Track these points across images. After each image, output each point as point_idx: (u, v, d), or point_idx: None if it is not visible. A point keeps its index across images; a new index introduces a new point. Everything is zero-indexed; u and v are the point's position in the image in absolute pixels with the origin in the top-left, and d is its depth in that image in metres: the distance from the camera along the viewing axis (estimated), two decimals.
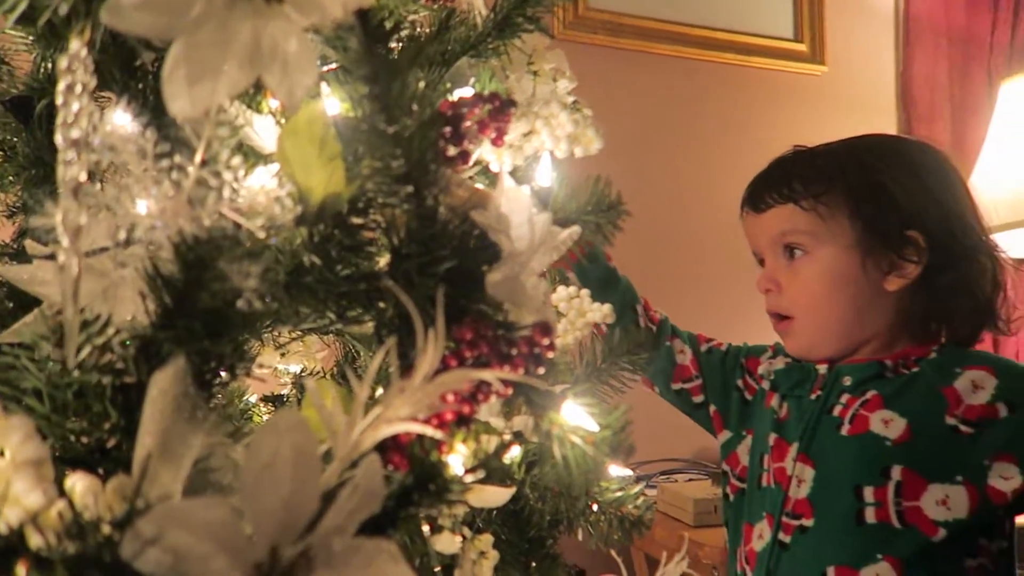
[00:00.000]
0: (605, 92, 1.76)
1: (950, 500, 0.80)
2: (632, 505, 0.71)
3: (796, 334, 0.94)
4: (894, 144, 0.97)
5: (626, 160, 1.76)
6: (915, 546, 0.80)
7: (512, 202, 0.52)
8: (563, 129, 0.64)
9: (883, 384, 0.88)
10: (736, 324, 1.79)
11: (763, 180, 0.97)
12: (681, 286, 1.79)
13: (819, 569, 0.84)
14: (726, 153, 1.83)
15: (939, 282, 0.88)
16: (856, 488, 0.84)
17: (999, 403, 0.82)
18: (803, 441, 0.91)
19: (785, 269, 0.94)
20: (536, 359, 0.46)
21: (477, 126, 0.56)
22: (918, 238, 0.88)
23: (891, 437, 0.84)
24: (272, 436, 0.34)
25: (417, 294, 0.49)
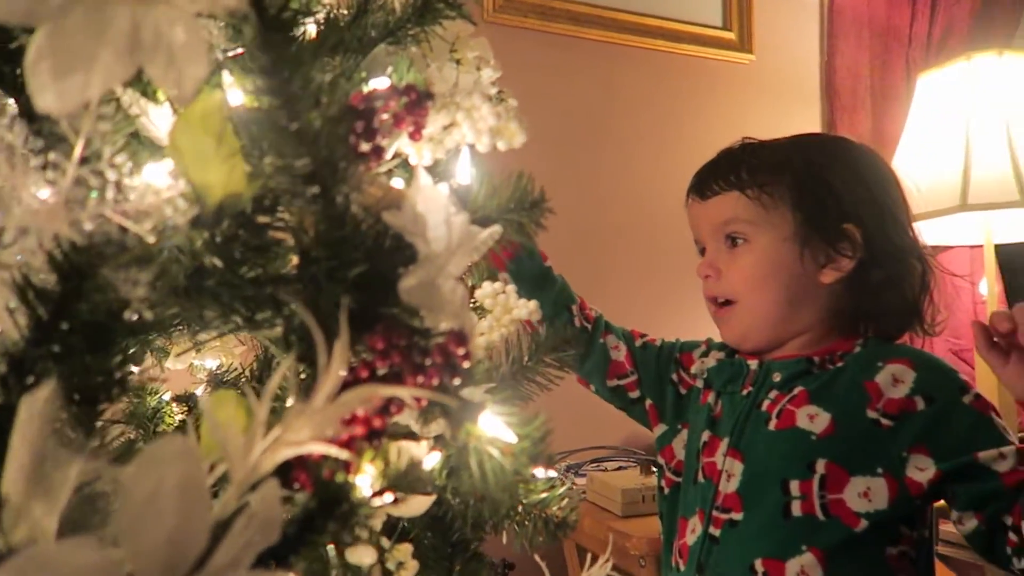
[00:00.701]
0: (535, 78, 1.74)
1: (871, 492, 0.82)
2: (557, 506, 0.70)
3: (731, 320, 0.96)
4: (840, 144, 1.00)
5: (556, 147, 1.74)
6: (838, 537, 0.82)
7: (428, 201, 0.50)
8: (485, 122, 0.61)
9: (810, 380, 0.90)
10: (664, 312, 1.80)
11: (711, 169, 0.99)
12: (611, 274, 1.80)
13: (747, 562, 0.85)
14: (654, 140, 1.83)
15: (870, 278, 0.91)
16: (783, 482, 0.85)
17: (917, 396, 0.84)
18: (733, 436, 0.92)
19: (725, 256, 0.95)
20: (452, 369, 0.44)
21: (392, 120, 0.53)
22: (854, 232, 0.90)
23: (816, 431, 0.86)
24: (154, 466, 0.31)
25: (325, 300, 0.46)
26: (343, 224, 0.45)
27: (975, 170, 1.43)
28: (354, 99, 0.50)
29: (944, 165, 1.48)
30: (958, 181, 1.44)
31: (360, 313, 0.48)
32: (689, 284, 1.91)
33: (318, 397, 0.35)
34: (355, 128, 0.48)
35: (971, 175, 1.43)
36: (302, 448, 0.35)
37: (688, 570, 0.91)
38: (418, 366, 0.43)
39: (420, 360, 0.43)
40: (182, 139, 0.41)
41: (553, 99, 1.75)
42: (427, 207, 0.51)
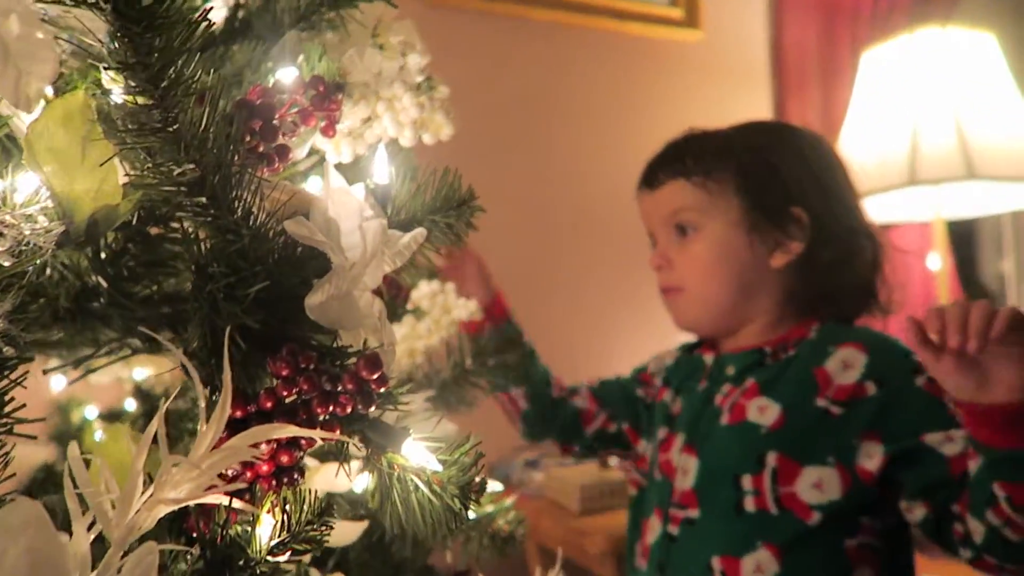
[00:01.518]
0: (478, 62, 1.68)
1: (824, 483, 0.80)
2: (503, 520, 0.66)
3: (682, 306, 0.94)
4: (782, 128, 0.99)
5: (502, 133, 1.70)
6: (792, 531, 0.79)
7: (339, 206, 0.45)
8: (407, 114, 0.56)
9: (761, 371, 0.88)
10: (618, 302, 1.78)
11: (658, 159, 0.98)
12: (562, 263, 1.76)
13: (704, 560, 0.83)
14: (603, 123, 1.79)
15: (821, 259, 0.89)
16: (735, 478, 0.83)
17: (868, 381, 0.81)
18: (688, 432, 0.90)
19: (676, 246, 0.94)
20: (365, 396, 0.39)
21: (299, 116, 0.48)
22: (801, 215, 0.89)
23: (766, 424, 0.84)
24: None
25: (224, 322, 0.41)
26: (239, 236, 0.40)
27: (922, 145, 1.42)
28: (251, 94, 0.45)
29: (891, 141, 1.47)
30: (906, 157, 1.43)
31: (266, 335, 0.43)
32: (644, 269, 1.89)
33: (198, 448, 0.30)
34: (252, 127, 0.43)
35: (919, 150, 1.42)
36: (183, 503, 0.30)
37: (649, 570, 0.89)
38: (328, 394, 0.39)
39: (330, 387, 0.39)
40: (40, 145, 0.36)
41: (498, 83, 1.70)
42: (339, 212, 0.46)
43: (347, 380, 0.39)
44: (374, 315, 0.44)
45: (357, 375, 0.38)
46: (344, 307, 0.43)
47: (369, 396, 0.39)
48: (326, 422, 0.40)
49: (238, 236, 0.40)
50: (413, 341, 0.72)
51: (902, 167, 1.45)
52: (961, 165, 1.39)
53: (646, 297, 1.84)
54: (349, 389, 0.39)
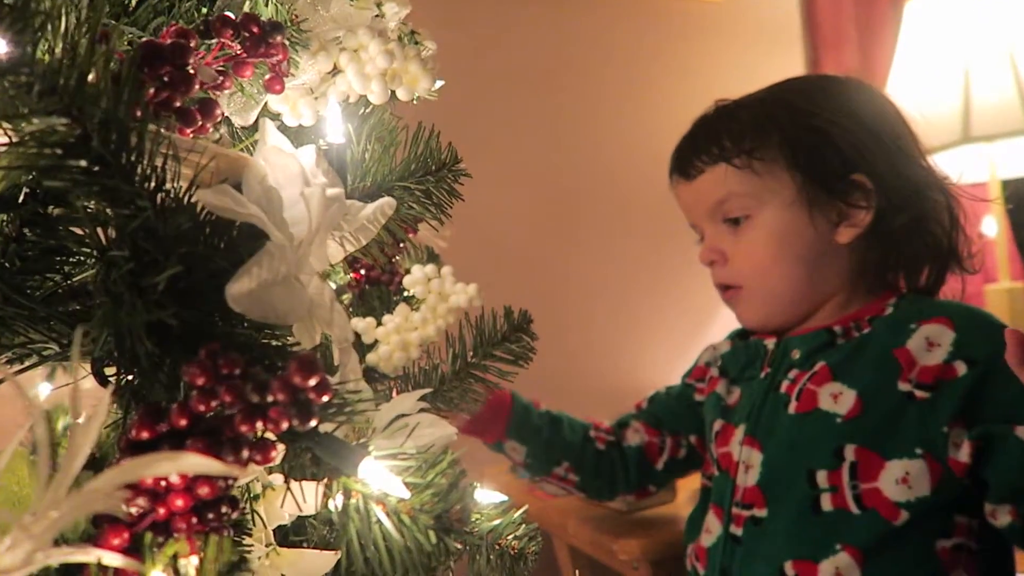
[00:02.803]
0: (484, 27, 1.58)
1: (911, 477, 0.70)
2: (512, 536, 0.57)
3: (747, 303, 0.84)
4: (822, 83, 0.86)
5: (511, 103, 1.60)
6: (876, 532, 0.70)
7: (277, 170, 0.36)
8: (375, 64, 0.47)
9: (832, 353, 0.78)
10: (639, 278, 1.67)
11: (689, 143, 0.86)
12: (578, 238, 1.65)
13: (776, 564, 0.73)
14: (618, 92, 1.66)
15: (893, 226, 0.78)
16: (809, 473, 0.73)
17: (956, 360, 0.70)
18: (749, 423, 0.81)
19: (728, 237, 0.83)
20: (302, 408, 0.30)
21: (231, 64, 0.39)
22: (864, 181, 0.78)
23: (841, 413, 0.74)
24: None
25: (132, 320, 0.32)
26: (141, 208, 0.31)
27: (976, 99, 1.29)
28: (163, 36, 0.36)
29: (942, 96, 1.34)
30: (958, 112, 1.30)
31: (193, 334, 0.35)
32: (672, 250, 1.77)
33: (42, 499, 0.21)
34: (159, 75, 0.34)
35: (972, 104, 1.29)
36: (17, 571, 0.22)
37: (709, 574, 0.79)
38: (255, 407, 0.30)
39: (258, 399, 0.30)
40: None
41: (505, 50, 1.59)
42: (279, 178, 0.37)
43: (277, 389, 0.30)
44: (325, 303, 0.36)
45: (288, 383, 0.30)
46: (284, 295, 0.34)
47: (307, 408, 0.30)
48: (259, 442, 0.32)
49: (139, 210, 0.32)
50: (407, 332, 0.64)
51: (954, 124, 1.32)
52: (1020, 118, 1.26)
53: (675, 280, 1.74)
54: (280, 400, 0.30)
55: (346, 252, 0.41)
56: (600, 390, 1.56)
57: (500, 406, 0.90)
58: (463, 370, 0.66)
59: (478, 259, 1.54)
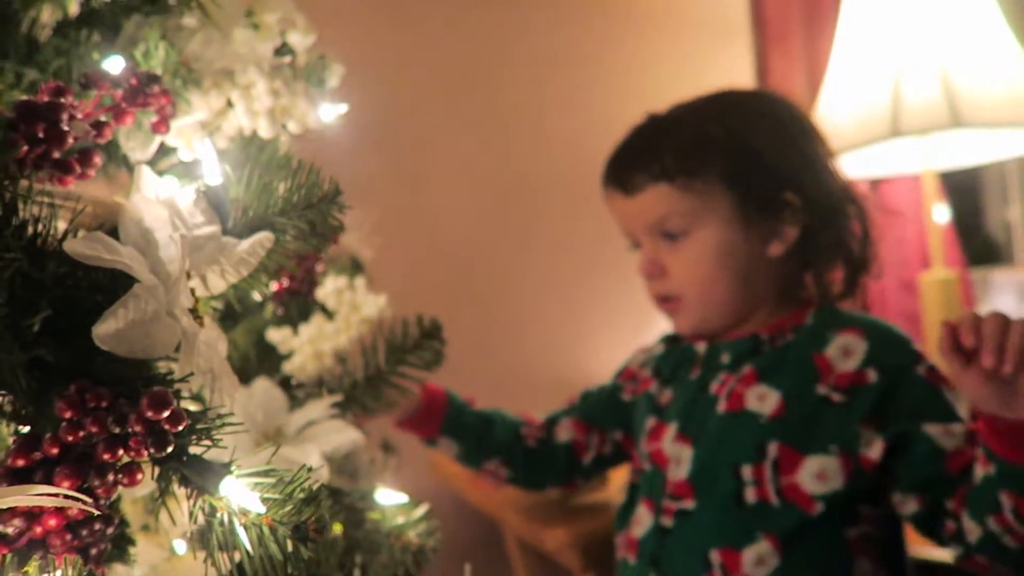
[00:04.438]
0: (427, 28, 1.59)
1: (827, 472, 0.76)
2: (413, 533, 0.61)
3: (685, 315, 0.89)
4: (754, 101, 0.91)
5: (454, 105, 1.62)
6: (794, 522, 0.76)
7: (147, 215, 0.40)
8: (261, 102, 0.51)
9: (759, 358, 0.84)
10: (592, 272, 1.71)
11: (627, 156, 0.90)
12: (528, 236, 1.69)
13: (702, 552, 0.79)
14: (569, 85, 1.69)
15: (819, 241, 0.85)
16: (734, 467, 0.79)
17: (868, 368, 0.78)
18: (681, 420, 0.86)
19: (667, 251, 0.87)
20: (158, 438, 0.34)
21: (111, 114, 0.42)
22: (794, 199, 0.84)
23: (765, 413, 0.80)
24: None
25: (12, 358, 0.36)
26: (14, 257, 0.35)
27: (906, 94, 1.34)
28: (41, 93, 0.39)
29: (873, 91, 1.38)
30: (888, 107, 1.34)
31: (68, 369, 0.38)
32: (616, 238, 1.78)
33: None
34: (35, 131, 0.38)
35: (902, 99, 1.34)
36: None
37: (640, 564, 0.84)
38: (116, 437, 0.34)
39: (120, 430, 0.34)
40: None
41: (449, 51, 1.61)
42: (153, 222, 0.40)
43: (133, 422, 0.34)
44: (195, 339, 0.39)
45: (143, 416, 0.33)
46: (154, 331, 0.38)
47: (162, 437, 0.34)
48: (125, 466, 0.36)
49: (12, 260, 0.35)
50: (320, 343, 0.68)
51: (884, 118, 1.36)
52: (946, 113, 1.31)
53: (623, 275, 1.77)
54: (138, 431, 0.34)
55: (228, 283, 0.45)
56: (550, 381, 1.60)
57: (435, 405, 0.94)
58: (376, 377, 0.70)
59: (429, 256, 1.57)
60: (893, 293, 1.78)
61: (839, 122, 1.46)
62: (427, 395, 0.93)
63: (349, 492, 0.61)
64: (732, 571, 0.77)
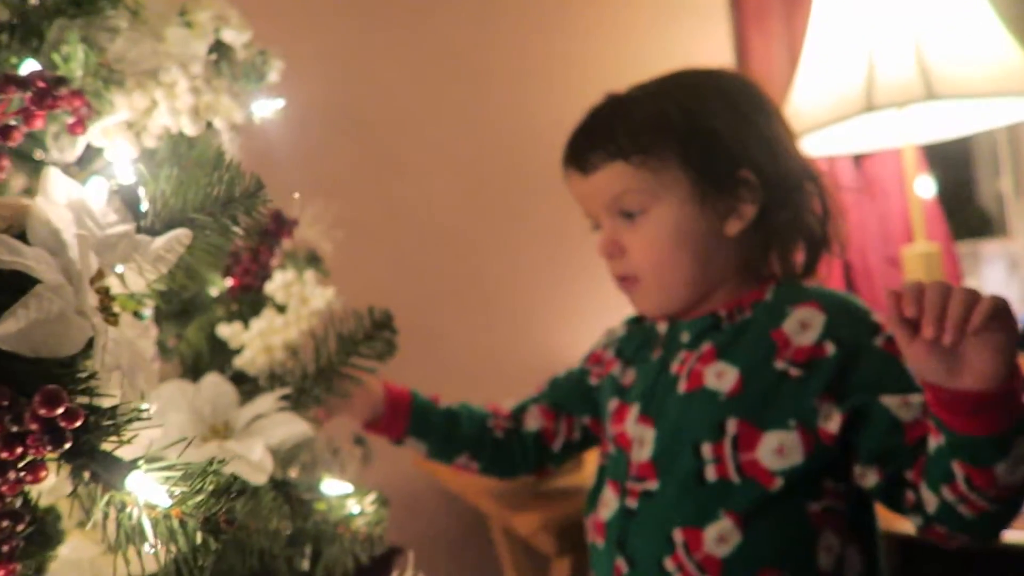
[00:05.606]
0: (400, 18, 1.59)
1: (785, 447, 0.76)
2: (362, 522, 0.62)
3: (644, 294, 0.88)
4: (710, 80, 0.90)
5: (429, 93, 1.62)
6: (754, 498, 0.76)
7: (55, 217, 0.40)
8: (183, 100, 0.51)
9: (718, 335, 0.84)
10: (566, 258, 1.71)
11: (584, 137, 0.89)
12: (502, 225, 1.68)
13: (666, 532, 0.79)
14: (548, 66, 1.67)
15: (776, 218, 0.85)
16: (695, 446, 0.79)
17: (826, 341, 0.78)
18: (643, 402, 0.86)
19: (624, 230, 0.87)
20: (54, 435, 0.35)
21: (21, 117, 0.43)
22: (750, 177, 0.84)
23: (724, 390, 0.80)
24: None
25: None
26: None
27: (880, 69, 1.33)
28: None
29: (848, 66, 1.37)
30: (862, 82, 1.34)
31: None
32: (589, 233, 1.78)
33: None
34: None
35: (876, 74, 1.33)
36: None
37: (608, 546, 0.85)
38: (13, 436, 0.35)
39: (14, 428, 0.35)
40: None
41: (422, 40, 1.61)
42: (61, 223, 0.41)
43: (29, 420, 0.34)
44: (103, 337, 0.40)
45: (37, 414, 0.34)
46: (59, 330, 0.38)
47: (59, 434, 0.35)
48: (31, 463, 0.36)
49: None
50: (270, 336, 0.68)
51: (859, 93, 1.36)
52: (921, 86, 1.30)
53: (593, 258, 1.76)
54: (34, 429, 0.35)
55: (147, 281, 0.45)
56: (525, 368, 1.60)
57: (399, 406, 0.94)
58: (328, 368, 0.71)
59: (409, 245, 1.58)
60: (877, 268, 1.77)
61: (816, 99, 1.45)
62: (391, 397, 0.93)
63: (295, 484, 0.62)
64: (694, 550, 0.77)
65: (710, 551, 0.76)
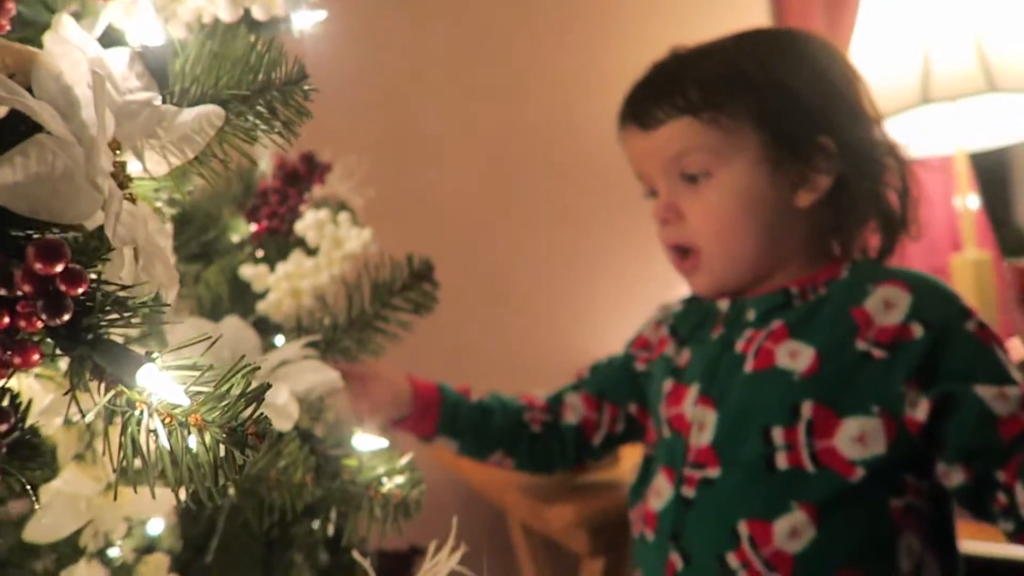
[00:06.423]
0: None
1: (867, 436, 0.69)
2: (396, 484, 0.54)
3: (705, 269, 0.81)
4: (792, 39, 0.82)
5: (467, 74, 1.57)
6: (831, 490, 0.69)
7: (64, 63, 0.34)
8: None
9: (790, 313, 0.76)
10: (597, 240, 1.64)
11: (648, 90, 0.82)
12: (539, 211, 1.62)
13: (729, 524, 0.71)
14: (579, 56, 1.62)
15: (853, 193, 0.77)
16: (764, 430, 0.72)
17: (913, 322, 0.70)
18: (704, 382, 0.78)
19: (686, 194, 0.79)
20: (52, 300, 0.28)
21: None
22: (828, 144, 0.76)
23: (798, 370, 0.72)
24: None
25: None
26: None
27: (936, 60, 1.27)
28: None
29: (902, 58, 1.31)
30: (919, 73, 1.27)
31: None
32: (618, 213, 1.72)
33: None
34: None
35: (931, 66, 1.27)
36: None
37: (659, 539, 0.77)
38: (2, 301, 0.28)
39: (6, 291, 0.28)
40: None
41: (460, 25, 1.56)
42: (72, 75, 0.34)
43: (21, 279, 0.27)
44: (117, 203, 0.33)
45: (30, 271, 0.27)
46: (64, 192, 0.32)
47: (58, 301, 0.28)
48: (21, 342, 0.29)
49: None
50: (298, 280, 0.61)
51: (914, 85, 1.29)
52: (980, 79, 1.24)
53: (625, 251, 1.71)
54: (27, 292, 0.27)
55: (171, 165, 0.39)
56: (555, 359, 1.53)
57: (429, 403, 0.87)
58: (359, 320, 0.64)
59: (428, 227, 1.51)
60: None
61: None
62: (419, 393, 0.86)
63: (322, 438, 0.55)
64: (762, 544, 0.69)
65: (780, 546, 0.68)
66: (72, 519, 0.43)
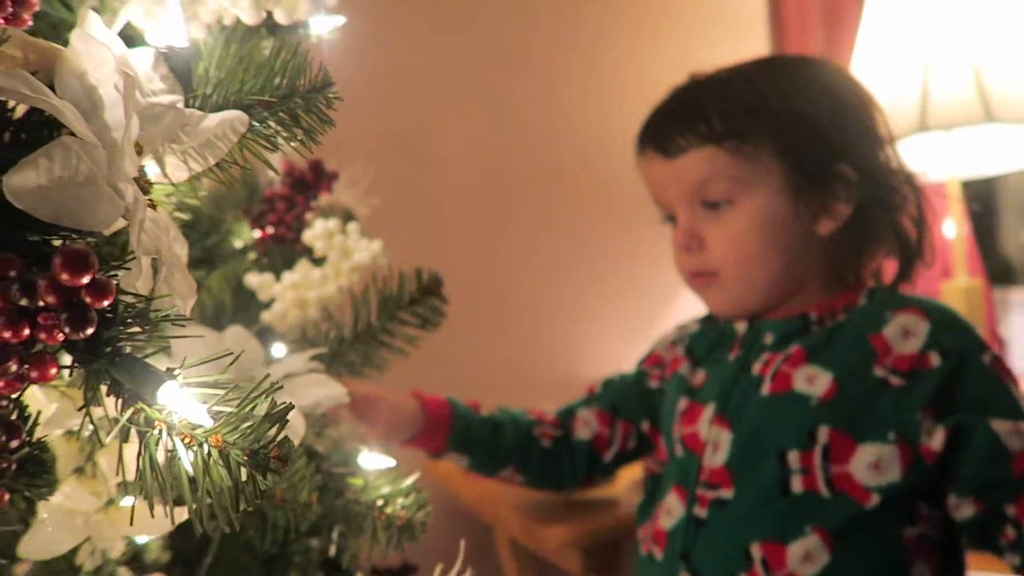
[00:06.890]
0: (453, 10, 1.54)
1: (882, 462, 0.69)
2: (400, 505, 0.53)
3: (722, 291, 0.81)
4: (807, 65, 0.83)
5: (473, 87, 1.56)
6: (847, 515, 0.69)
7: (89, 62, 0.32)
8: None
9: (808, 338, 0.77)
10: (600, 256, 1.64)
11: (671, 117, 0.82)
12: (541, 224, 1.61)
13: (741, 546, 0.71)
14: (583, 75, 1.63)
15: (871, 221, 0.78)
16: (780, 453, 0.72)
17: (931, 351, 0.71)
18: (719, 402, 0.78)
19: (707, 222, 0.80)
20: (76, 313, 0.26)
21: None
22: (848, 172, 0.77)
23: (816, 395, 0.72)
24: None
25: None
26: None
27: (934, 88, 1.28)
28: None
29: (901, 85, 1.32)
30: (916, 101, 1.28)
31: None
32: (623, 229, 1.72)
33: None
34: None
35: (930, 94, 1.28)
36: None
37: (669, 558, 0.76)
38: (22, 312, 0.26)
39: (26, 303, 0.26)
40: None
41: (468, 31, 1.56)
42: (98, 75, 0.33)
43: (45, 290, 0.26)
44: (141, 210, 0.31)
45: (55, 281, 0.26)
46: (86, 197, 0.30)
47: (82, 313, 0.26)
48: (39, 355, 0.28)
49: None
50: (305, 290, 0.60)
51: (912, 112, 1.30)
52: (978, 108, 1.25)
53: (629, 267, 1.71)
54: (50, 303, 0.26)
55: (191, 171, 0.37)
56: (550, 376, 1.52)
57: (440, 420, 0.86)
58: (365, 333, 0.62)
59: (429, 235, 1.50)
60: None
61: None
62: (428, 410, 0.85)
63: (327, 455, 0.53)
64: (775, 568, 0.69)
65: (794, 570, 0.68)
66: (69, 536, 0.41)
